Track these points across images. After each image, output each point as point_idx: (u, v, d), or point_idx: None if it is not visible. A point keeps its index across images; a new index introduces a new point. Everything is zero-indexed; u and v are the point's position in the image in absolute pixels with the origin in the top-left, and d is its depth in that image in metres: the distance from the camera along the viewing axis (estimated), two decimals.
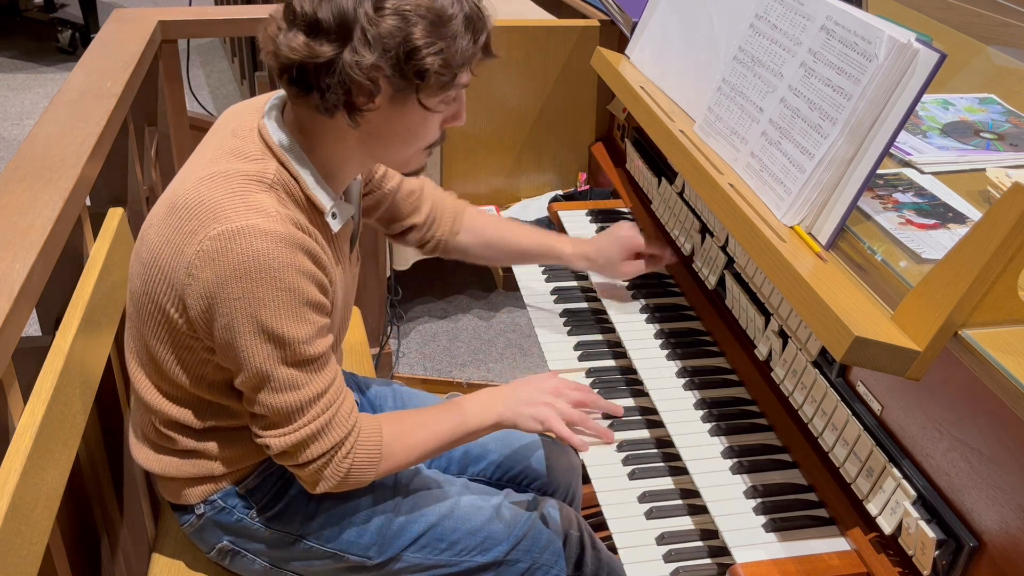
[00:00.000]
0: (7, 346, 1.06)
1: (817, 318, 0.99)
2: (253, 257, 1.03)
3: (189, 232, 1.06)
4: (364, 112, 1.06)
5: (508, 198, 2.04)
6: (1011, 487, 0.87)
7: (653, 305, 1.54)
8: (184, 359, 1.15)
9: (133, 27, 1.97)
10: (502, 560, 1.33)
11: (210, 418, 1.21)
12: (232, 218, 1.04)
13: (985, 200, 1.18)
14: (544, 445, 1.54)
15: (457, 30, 1.04)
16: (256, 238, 1.03)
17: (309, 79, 1.04)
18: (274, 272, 1.04)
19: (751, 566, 1.06)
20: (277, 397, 1.10)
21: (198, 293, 1.06)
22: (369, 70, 1.01)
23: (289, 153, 1.11)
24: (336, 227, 1.17)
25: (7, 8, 5.23)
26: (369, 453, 1.18)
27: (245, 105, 1.22)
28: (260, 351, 1.07)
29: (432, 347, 2.90)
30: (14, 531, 0.98)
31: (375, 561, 1.30)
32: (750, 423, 1.29)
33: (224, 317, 1.06)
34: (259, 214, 1.05)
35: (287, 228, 1.05)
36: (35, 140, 1.45)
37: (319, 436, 1.13)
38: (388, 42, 1.01)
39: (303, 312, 1.08)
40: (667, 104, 1.52)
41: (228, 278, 1.04)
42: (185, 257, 1.06)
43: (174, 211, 1.08)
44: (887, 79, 1.05)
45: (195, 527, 1.29)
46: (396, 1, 1.01)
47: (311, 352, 1.10)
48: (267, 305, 1.05)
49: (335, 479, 1.16)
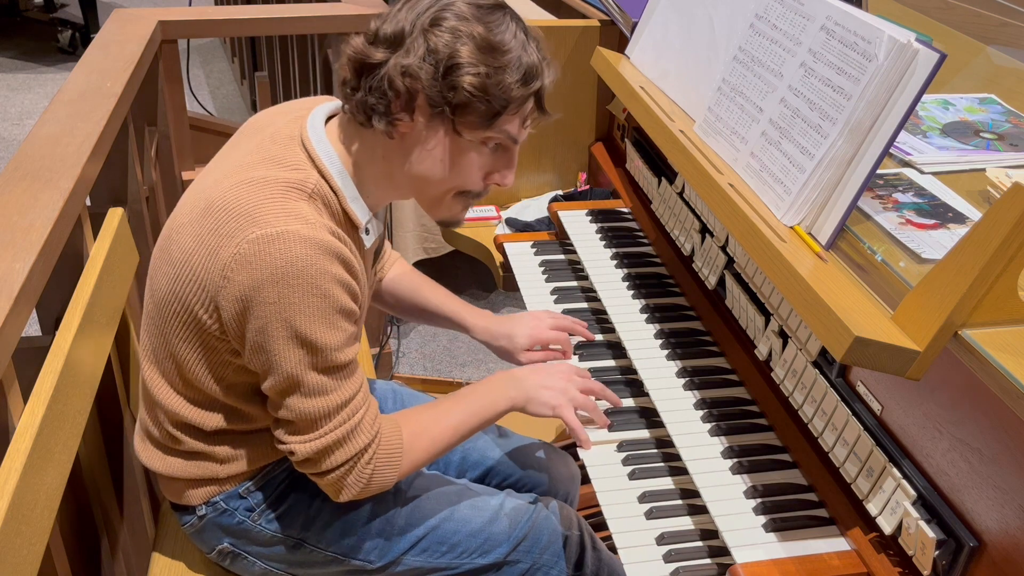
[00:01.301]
0: (7, 346, 1.06)
1: (817, 318, 0.99)
2: (291, 262, 1.03)
3: (226, 234, 1.06)
4: (399, 123, 1.08)
5: (508, 198, 2.03)
6: (1011, 487, 0.87)
7: (653, 305, 1.54)
8: (207, 360, 1.15)
9: (133, 27, 1.97)
10: (503, 561, 1.33)
11: (221, 421, 1.21)
12: (272, 222, 1.04)
13: (985, 200, 1.18)
14: (545, 452, 1.54)
15: (507, 64, 1.07)
16: (295, 243, 1.04)
17: (358, 79, 1.08)
18: (311, 278, 1.04)
19: (751, 566, 1.06)
20: (305, 402, 1.10)
21: (233, 296, 1.06)
22: (408, 74, 1.04)
23: (331, 166, 1.12)
24: (368, 243, 1.18)
25: (7, 8, 5.23)
26: (391, 456, 1.18)
27: (280, 112, 1.23)
28: (292, 356, 1.07)
29: (432, 347, 2.90)
30: (14, 531, 0.98)
31: (376, 564, 1.30)
32: (750, 423, 1.29)
33: (258, 320, 1.06)
34: (298, 220, 1.05)
35: (325, 236, 1.06)
36: (35, 140, 1.45)
37: (343, 443, 1.13)
38: (433, 53, 1.05)
39: (336, 319, 1.08)
40: (667, 104, 1.52)
41: (265, 282, 1.04)
42: (221, 259, 1.06)
43: (210, 212, 1.08)
44: (887, 79, 1.05)
45: (196, 528, 1.29)
46: (455, 23, 1.05)
47: (341, 359, 1.10)
48: (302, 311, 1.05)
49: (358, 486, 1.16)
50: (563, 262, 1.75)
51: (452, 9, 1.07)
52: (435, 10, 1.07)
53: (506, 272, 1.81)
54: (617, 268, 1.65)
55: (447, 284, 1.55)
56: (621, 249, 1.69)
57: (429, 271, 1.51)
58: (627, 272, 1.63)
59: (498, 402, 1.29)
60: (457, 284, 3.12)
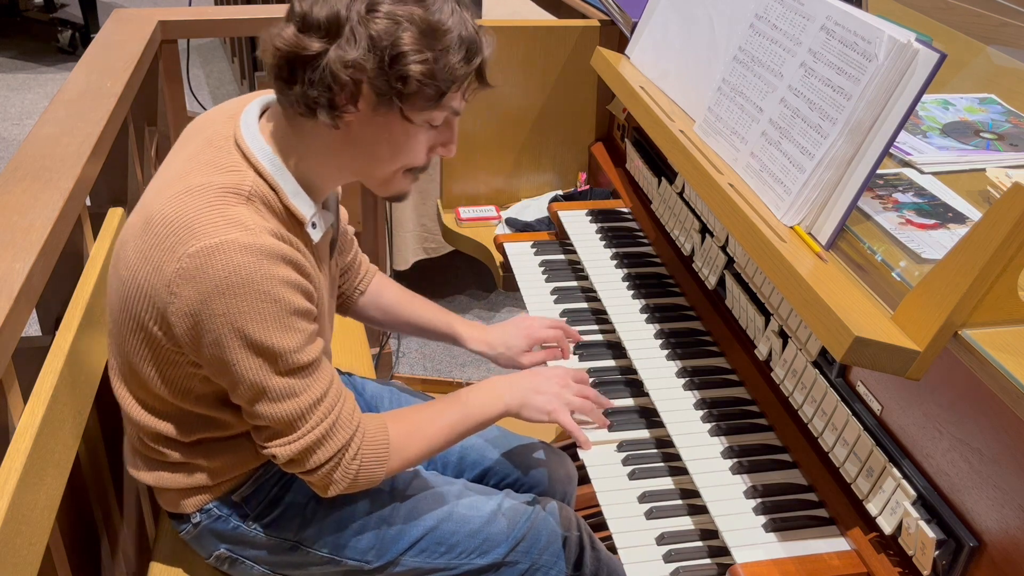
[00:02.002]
0: (7, 346, 1.07)
1: (817, 318, 0.99)
2: (234, 272, 1.02)
3: (167, 248, 1.04)
4: (344, 115, 1.05)
5: (508, 198, 2.03)
6: (1011, 487, 0.87)
7: (653, 305, 1.54)
8: (168, 374, 1.14)
9: (133, 27, 1.97)
10: (502, 562, 1.33)
11: (198, 431, 1.20)
12: (210, 233, 1.02)
13: (985, 200, 1.18)
14: (543, 452, 1.54)
15: (449, 45, 1.03)
16: (235, 252, 1.02)
17: (294, 73, 1.03)
18: (256, 285, 1.03)
19: (751, 566, 1.06)
20: (276, 407, 1.09)
21: (182, 311, 1.04)
22: (352, 67, 1.00)
23: (267, 163, 1.09)
24: (316, 237, 1.15)
25: (7, 8, 5.23)
26: (377, 452, 1.17)
27: (218, 111, 1.20)
28: (252, 364, 1.06)
29: (432, 347, 2.90)
30: (14, 531, 0.98)
31: (373, 565, 1.30)
32: (750, 423, 1.29)
33: (211, 334, 1.04)
34: (237, 227, 1.03)
35: (266, 240, 1.04)
36: (35, 140, 1.45)
37: (324, 440, 1.13)
38: (376, 43, 1.00)
39: (290, 321, 1.07)
40: (667, 104, 1.52)
41: (211, 295, 1.02)
42: (165, 275, 1.04)
43: (150, 226, 1.06)
44: (887, 79, 1.05)
45: (192, 535, 1.29)
46: (391, 6, 1.01)
47: (303, 360, 1.09)
48: (253, 318, 1.04)
49: (345, 481, 1.16)
50: (563, 262, 1.75)
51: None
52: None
53: (506, 272, 1.81)
54: (617, 268, 1.65)
55: (447, 284, 1.55)
56: (621, 249, 1.69)
57: (429, 271, 1.52)
58: (627, 272, 1.63)
59: (493, 406, 1.28)
60: (457, 284, 3.11)
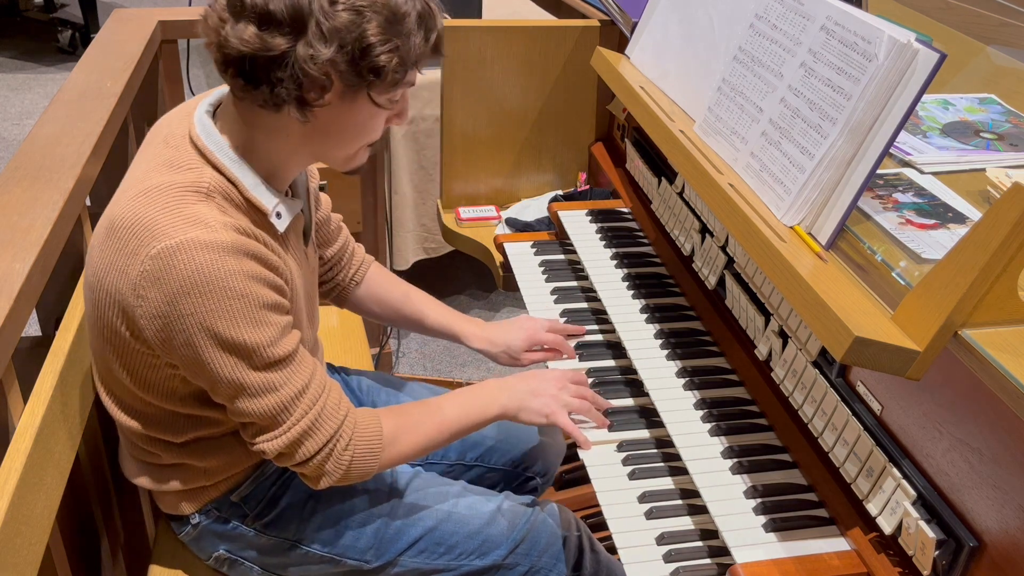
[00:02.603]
0: (7, 346, 1.07)
1: (817, 318, 0.99)
2: (197, 271, 1.01)
3: (130, 252, 1.03)
4: (314, 108, 1.04)
5: (508, 198, 2.03)
6: (1011, 487, 0.87)
7: (653, 305, 1.54)
8: (148, 377, 1.13)
9: (133, 27, 1.98)
10: (501, 564, 1.33)
11: (188, 431, 1.19)
12: (170, 234, 1.01)
13: (985, 200, 1.18)
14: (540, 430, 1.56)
15: (411, 28, 1.03)
16: (197, 251, 1.01)
17: (259, 73, 1.01)
18: (221, 282, 1.02)
19: (751, 566, 1.06)
20: (257, 402, 1.08)
21: (149, 314, 1.04)
22: (324, 65, 1.00)
23: (224, 157, 1.08)
24: (281, 227, 1.14)
25: (7, 8, 5.23)
26: (370, 443, 1.17)
27: (176, 111, 1.19)
28: (226, 362, 1.05)
29: (432, 347, 2.90)
30: (14, 531, 0.98)
31: (373, 565, 1.30)
32: (750, 423, 1.29)
33: (181, 335, 1.04)
34: (197, 226, 1.02)
35: (228, 235, 1.03)
36: (35, 140, 1.45)
37: (312, 431, 1.12)
38: (344, 37, 0.99)
39: (260, 316, 1.05)
40: (667, 104, 1.52)
41: (176, 296, 1.02)
42: (130, 278, 1.03)
43: (112, 231, 1.05)
44: (887, 79, 1.05)
45: (192, 536, 1.29)
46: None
47: (279, 353, 1.08)
48: (221, 316, 1.03)
49: (338, 472, 1.15)
50: (563, 262, 1.75)
51: None
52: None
53: (506, 272, 1.81)
54: (617, 268, 1.65)
55: (447, 284, 1.55)
56: (621, 249, 1.69)
57: (429, 271, 1.52)
58: (627, 272, 1.63)
59: (489, 407, 1.28)
60: (457, 284, 3.12)
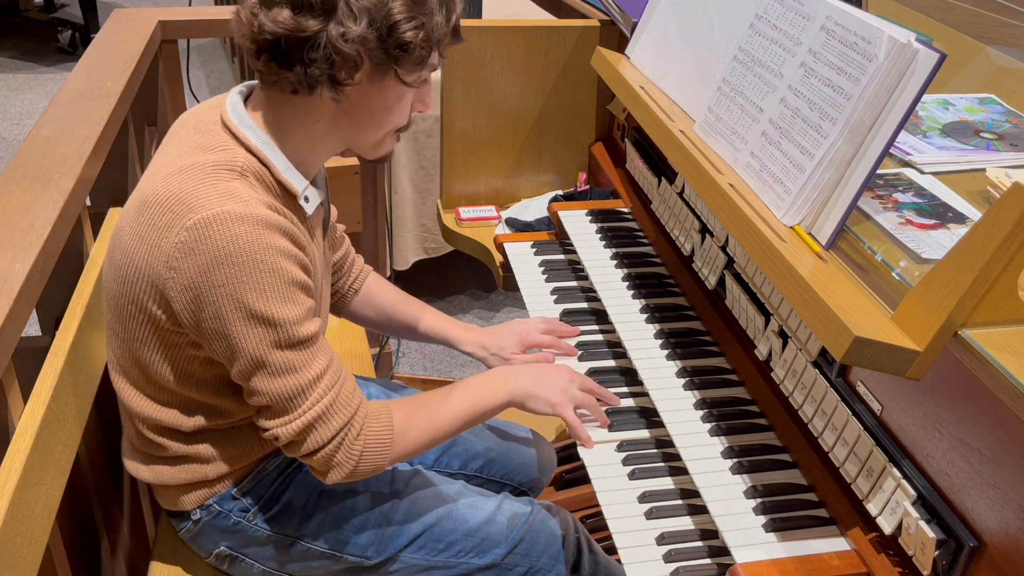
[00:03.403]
0: (7, 346, 1.07)
1: (817, 318, 0.99)
2: (232, 241, 1.02)
3: (164, 226, 1.05)
4: (345, 87, 1.07)
5: (508, 198, 2.03)
6: (1011, 487, 0.87)
7: (653, 305, 1.54)
8: (170, 357, 1.14)
9: (133, 27, 1.98)
10: (500, 563, 1.33)
11: (199, 420, 1.20)
12: (206, 205, 1.03)
13: (985, 200, 1.18)
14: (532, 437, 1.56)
15: (433, 7, 1.07)
16: (233, 223, 1.02)
17: (292, 55, 1.04)
18: (256, 254, 1.03)
19: (751, 566, 1.06)
20: (276, 382, 1.09)
21: (181, 285, 1.05)
22: (355, 42, 1.03)
23: (256, 139, 1.10)
24: (310, 210, 1.16)
25: (7, 8, 5.23)
26: (380, 435, 1.16)
27: (201, 106, 1.20)
28: (252, 336, 1.06)
29: (432, 347, 2.90)
30: (14, 531, 0.98)
31: (373, 561, 1.30)
32: (750, 423, 1.29)
33: (211, 306, 1.05)
34: (233, 199, 1.04)
35: (262, 210, 1.05)
36: (35, 140, 1.45)
37: (324, 418, 1.12)
38: (373, 14, 1.02)
39: (290, 292, 1.07)
40: (667, 104, 1.52)
41: (210, 266, 1.03)
42: (163, 251, 1.05)
43: (145, 208, 1.07)
44: (887, 79, 1.05)
45: (192, 533, 1.29)
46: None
47: (303, 333, 1.09)
48: (253, 288, 1.04)
49: (349, 464, 1.14)
50: (563, 262, 1.76)
51: None
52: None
53: (506, 272, 1.81)
54: (617, 268, 1.65)
55: (447, 284, 1.55)
56: (621, 249, 1.69)
57: (429, 271, 1.52)
58: (627, 272, 1.63)
59: (497, 395, 1.28)
60: (457, 284, 3.11)
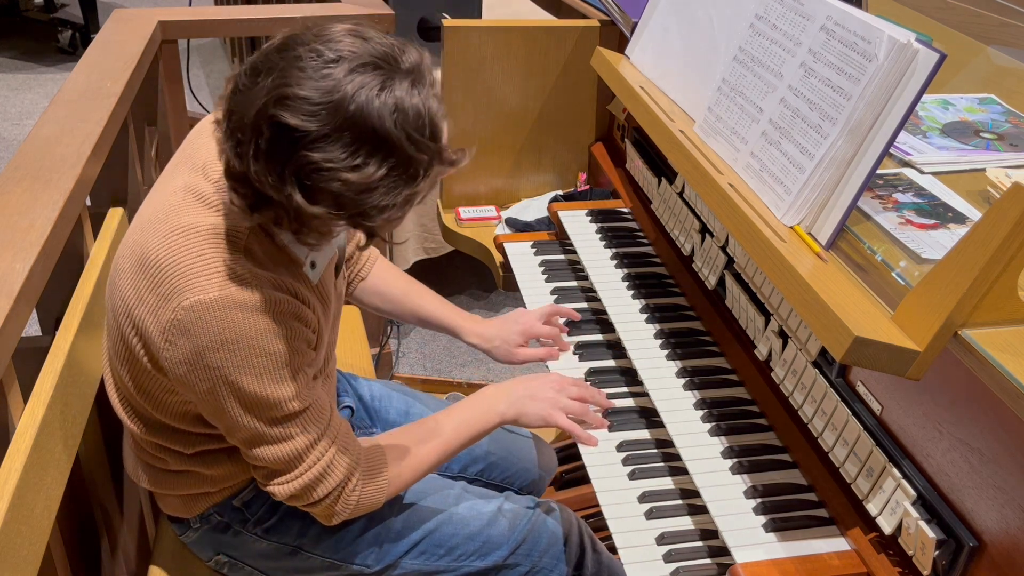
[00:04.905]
0: (7, 346, 1.06)
1: (817, 318, 0.99)
2: (229, 328, 1.00)
3: (163, 296, 1.02)
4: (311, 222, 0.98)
5: (508, 198, 2.03)
6: (1011, 487, 0.87)
7: (653, 305, 1.54)
8: (166, 401, 1.13)
9: (133, 27, 1.97)
10: (502, 564, 1.33)
11: (199, 444, 1.19)
12: (206, 287, 1.00)
13: (985, 200, 1.18)
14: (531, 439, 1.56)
15: (393, 185, 0.94)
16: (231, 310, 1.00)
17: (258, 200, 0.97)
18: (252, 340, 1.02)
19: (751, 566, 1.06)
20: (273, 450, 1.09)
21: (176, 359, 1.03)
22: (320, 217, 0.95)
23: None
24: (315, 278, 1.13)
25: (7, 8, 5.23)
26: (376, 480, 1.18)
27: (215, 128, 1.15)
28: (246, 415, 1.06)
29: (432, 347, 2.90)
30: (14, 531, 0.98)
31: (374, 569, 1.30)
32: (750, 423, 1.29)
33: (206, 383, 1.04)
34: (232, 283, 1.01)
35: (263, 294, 1.02)
36: (35, 140, 1.45)
37: (323, 477, 1.12)
38: (325, 215, 0.94)
39: (285, 372, 1.05)
40: (667, 104, 1.52)
41: (205, 349, 1.01)
42: (160, 322, 1.03)
43: (145, 268, 1.04)
44: (887, 79, 1.05)
45: (192, 540, 1.29)
46: (321, 183, 0.91)
47: (299, 406, 1.08)
48: (247, 372, 1.03)
49: (346, 512, 1.16)
50: (563, 262, 1.75)
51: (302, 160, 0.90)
52: (289, 168, 0.91)
53: (506, 272, 1.81)
54: (617, 268, 1.65)
55: (447, 284, 1.55)
56: (621, 249, 1.69)
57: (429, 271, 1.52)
58: (627, 272, 1.63)
59: (489, 417, 1.28)
60: (457, 284, 3.11)
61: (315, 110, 0.89)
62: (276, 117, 0.89)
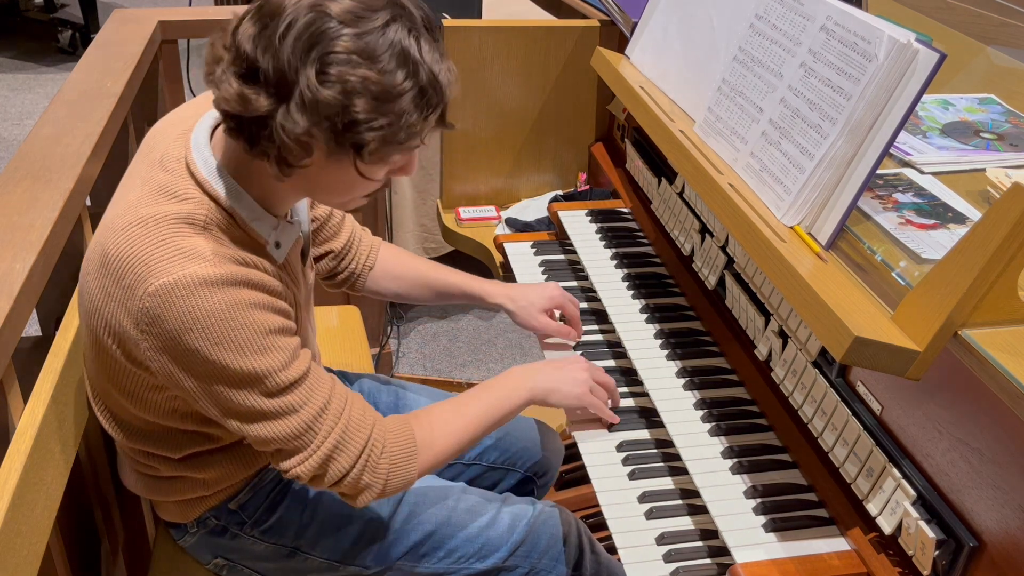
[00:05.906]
0: (7, 346, 1.06)
1: (817, 318, 0.99)
2: (197, 306, 0.98)
3: (128, 287, 1.00)
4: (295, 168, 1.00)
5: (508, 198, 2.03)
6: (1011, 487, 0.87)
7: (653, 305, 1.54)
8: (150, 399, 1.11)
9: (133, 27, 1.97)
10: (501, 566, 1.33)
11: (188, 447, 1.17)
12: (168, 270, 0.98)
13: (985, 200, 1.18)
14: (537, 428, 1.56)
15: (405, 107, 0.97)
16: (196, 287, 0.98)
17: (243, 127, 0.98)
18: (223, 314, 0.99)
19: (751, 566, 1.06)
20: (279, 425, 1.05)
21: (154, 349, 1.01)
22: (300, 135, 0.95)
23: (221, 187, 1.04)
24: (280, 257, 1.11)
25: (7, 8, 5.23)
26: (404, 449, 1.13)
27: (172, 124, 1.15)
28: (239, 393, 1.03)
29: (432, 347, 2.90)
30: (14, 531, 0.98)
31: (372, 570, 1.30)
32: (750, 423, 1.29)
33: (189, 369, 1.01)
34: (194, 260, 0.99)
35: (226, 267, 1.00)
36: (35, 140, 1.45)
37: (341, 446, 1.08)
38: (326, 111, 0.94)
39: (267, 341, 1.03)
40: (667, 104, 1.52)
41: (179, 332, 0.99)
42: (131, 313, 1.00)
43: (107, 263, 1.02)
44: (887, 79, 1.05)
45: (190, 544, 1.29)
46: (342, 69, 0.94)
47: (292, 376, 1.05)
48: (228, 348, 1.00)
49: (378, 484, 1.12)
50: (563, 262, 1.75)
51: (334, 45, 0.93)
52: (317, 49, 0.93)
53: (506, 272, 1.81)
54: (617, 268, 1.65)
55: None
56: (621, 249, 1.69)
57: None
58: (627, 272, 1.63)
59: (518, 393, 1.26)
60: None
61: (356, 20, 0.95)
62: (321, 5, 0.95)
